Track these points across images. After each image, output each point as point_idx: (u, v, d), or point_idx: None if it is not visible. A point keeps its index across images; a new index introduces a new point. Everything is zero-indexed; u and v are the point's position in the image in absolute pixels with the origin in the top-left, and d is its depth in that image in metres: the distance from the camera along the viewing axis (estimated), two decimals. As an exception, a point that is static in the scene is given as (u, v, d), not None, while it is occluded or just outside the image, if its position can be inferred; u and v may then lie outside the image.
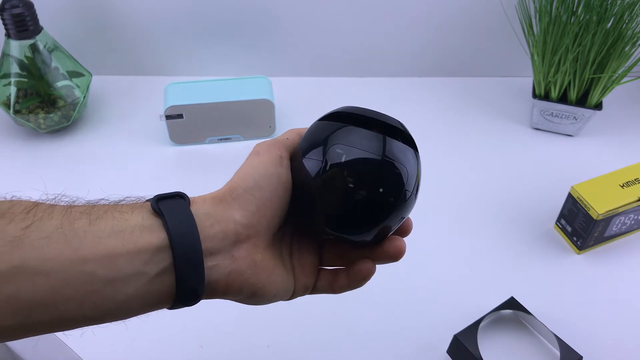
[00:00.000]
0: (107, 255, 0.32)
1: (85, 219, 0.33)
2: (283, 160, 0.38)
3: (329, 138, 0.37)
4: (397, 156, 0.37)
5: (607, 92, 0.81)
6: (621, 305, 0.65)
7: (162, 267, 0.33)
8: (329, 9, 0.88)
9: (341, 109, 0.40)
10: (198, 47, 0.92)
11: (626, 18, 0.75)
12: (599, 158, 0.83)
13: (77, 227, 0.32)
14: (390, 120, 0.39)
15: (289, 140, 0.40)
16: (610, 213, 0.66)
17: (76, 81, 0.83)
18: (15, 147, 0.83)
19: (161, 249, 0.33)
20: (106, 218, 0.33)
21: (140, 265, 0.32)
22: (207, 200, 0.37)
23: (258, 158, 0.38)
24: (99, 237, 0.32)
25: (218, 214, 0.36)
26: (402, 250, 0.39)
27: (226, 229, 0.36)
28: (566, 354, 0.58)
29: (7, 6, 0.74)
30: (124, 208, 0.35)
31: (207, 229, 0.35)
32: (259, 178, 0.37)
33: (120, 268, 0.32)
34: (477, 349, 0.57)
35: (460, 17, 0.90)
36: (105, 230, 0.32)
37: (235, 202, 0.36)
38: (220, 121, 0.81)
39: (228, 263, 0.35)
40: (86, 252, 0.31)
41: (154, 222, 0.34)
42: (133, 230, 0.33)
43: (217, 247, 0.35)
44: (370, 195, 0.36)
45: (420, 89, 0.94)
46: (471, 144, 0.85)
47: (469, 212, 0.75)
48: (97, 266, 0.31)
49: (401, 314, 0.64)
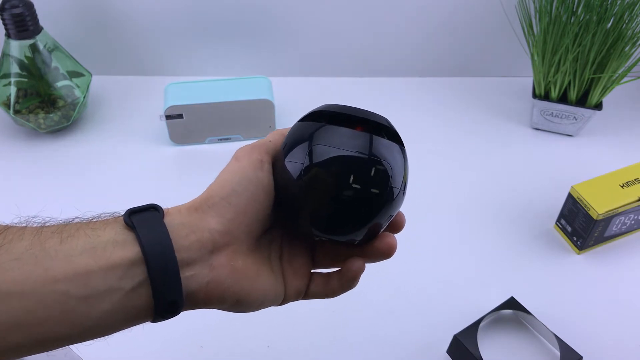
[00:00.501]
0: (79, 273, 0.31)
1: (57, 238, 0.32)
2: (264, 164, 0.38)
3: (310, 138, 0.36)
4: (381, 153, 0.36)
5: (607, 92, 0.81)
6: (621, 305, 0.65)
7: (138, 281, 0.33)
8: (329, 9, 0.88)
9: (322, 108, 0.39)
10: (198, 47, 0.92)
11: (626, 18, 0.75)
12: (599, 158, 0.83)
13: (48, 247, 0.32)
14: (373, 116, 0.38)
15: (271, 143, 0.39)
16: (610, 213, 0.66)
17: (76, 81, 0.83)
18: (15, 147, 0.83)
19: (135, 263, 0.33)
20: (78, 236, 0.33)
21: (115, 281, 0.32)
22: (182, 210, 0.36)
23: (237, 163, 0.38)
24: (70, 256, 0.32)
25: (193, 224, 0.35)
26: (393, 246, 0.39)
27: (202, 238, 0.35)
28: (566, 354, 0.58)
29: (7, 6, 0.74)
30: (96, 225, 0.34)
31: (181, 240, 0.34)
32: (236, 184, 0.36)
33: (93, 285, 0.32)
34: (477, 349, 0.57)
35: (460, 17, 0.90)
36: (77, 248, 0.32)
37: (212, 210, 0.36)
38: (220, 121, 0.81)
39: (206, 272, 0.35)
40: (57, 272, 0.31)
41: (127, 237, 0.33)
42: (105, 246, 0.33)
43: (194, 257, 0.35)
44: (355, 194, 0.35)
45: (420, 89, 0.94)
46: (471, 144, 0.85)
47: (468, 212, 0.75)
48: (69, 285, 0.31)
49: (401, 314, 0.64)
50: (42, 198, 0.75)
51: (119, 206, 0.37)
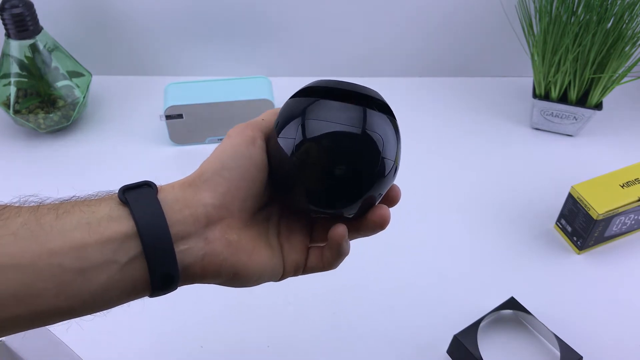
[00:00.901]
0: (74, 246, 0.32)
1: (53, 214, 0.33)
2: (256, 140, 0.38)
3: (301, 114, 0.37)
4: (372, 125, 0.36)
5: (607, 92, 0.81)
6: (621, 305, 0.65)
7: (133, 254, 0.34)
8: (329, 9, 0.88)
9: (314, 84, 0.39)
10: (198, 47, 0.92)
11: (626, 18, 0.75)
12: (599, 158, 0.83)
13: (44, 222, 0.33)
14: (364, 90, 0.38)
15: (264, 122, 0.40)
16: (611, 213, 0.66)
17: (76, 81, 0.83)
18: (15, 147, 0.83)
19: (129, 237, 0.34)
20: (73, 212, 0.34)
21: (110, 254, 0.33)
22: (175, 186, 0.37)
23: (229, 140, 0.38)
24: (65, 230, 0.33)
25: (187, 198, 0.36)
26: (386, 217, 0.39)
27: (196, 212, 0.36)
28: (566, 354, 0.58)
29: (7, 6, 0.74)
30: (92, 202, 0.35)
31: (175, 214, 0.35)
32: (227, 159, 0.37)
33: (89, 258, 0.32)
34: (477, 349, 0.57)
35: (460, 17, 0.90)
36: (72, 223, 0.33)
37: (205, 185, 0.37)
38: (220, 121, 0.81)
39: (201, 246, 0.36)
40: (53, 245, 0.32)
41: (121, 212, 0.34)
42: (100, 221, 0.33)
43: (188, 230, 0.35)
44: (347, 168, 0.36)
45: (420, 89, 0.94)
46: (471, 144, 0.85)
47: (468, 212, 0.75)
48: (65, 258, 0.32)
49: (401, 314, 0.64)
50: (42, 198, 0.75)
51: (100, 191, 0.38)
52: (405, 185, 0.77)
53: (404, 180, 0.77)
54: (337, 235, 0.39)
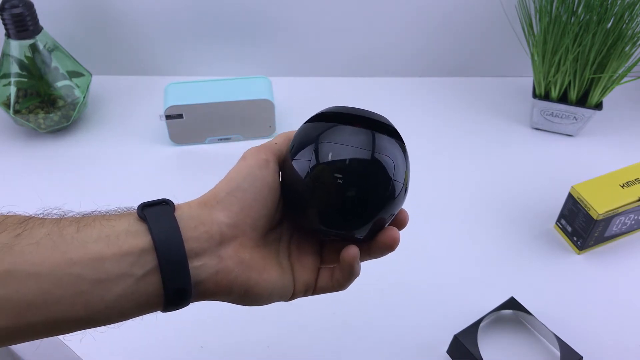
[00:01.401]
0: (93, 258, 0.34)
1: (74, 226, 0.35)
2: (269, 163, 0.40)
3: (315, 138, 0.39)
4: (383, 150, 0.38)
5: (607, 92, 0.81)
6: (621, 305, 0.65)
7: (148, 268, 0.35)
8: (329, 9, 0.88)
9: (327, 110, 0.41)
10: (198, 47, 0.92)
11: (626, 18, 0.75)
12: (599, 158, 0.83)
13: (65, 234, 0.34)
14: (375, 116, 0.40)
15: (277, 145, 0.41)
16: (611, 213, 0.66)
17: (76, 81, 0.83)
18: (15, 147, 0.83)
19: (146, 252, 0.35)
20: (94, 225, 0.35)
21: (127, 267, 0.34)
22: (192, 205, 0.38)
23: (244, 162, 0.40)
24: (85, 242, 0.34)
25: (202, 217, 0.37)
26: (396, 240, 0.40)
27: (210, 229, 0.37)
28: (566, 354, 0.58)
29: (7, 6, 0.74)
30: (112, 217, 0.37)
31: (190, 231, 0.36)
32: (241, 180, 0.39)
33: (106, 270, 0.34)
34: (477, 349, 0.57)
35: (460, 17, 0.90)
36: (92, 236, 0.34)
37: (219, 205, 0.38)
38: (220, 121, 0.81)
39: (215, 263, 0.37)
40: (73, 255, 0.33)
41: (139, 228, 0.36)
42: (119, 235, 0.35)
43: (202, 247, 0.37)
44: (359, 190, 0.37)
45: (420, 89, 0.94)
46: (471, 144, 0.85)
47: (468, 212, 0.75)
48: (84, 268, 0.33)
49: (401, 314, 0.64)
50: (42, 198, 0.75)
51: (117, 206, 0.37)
52: (405, 185, 0.77)
53: (404, 180, 0.77)
54: (349, 256, 0.40)
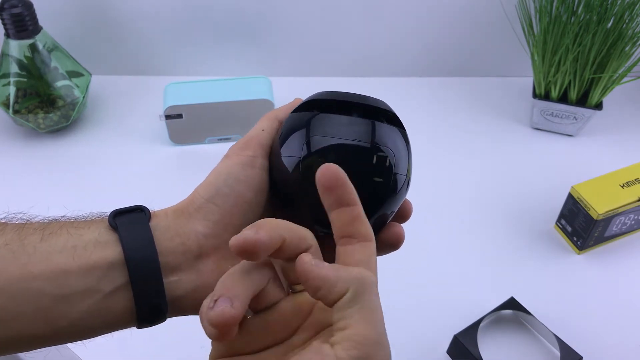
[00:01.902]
0: (56, 271, 0.31)
1: (38, 235, 0.32)
2: (255, 160, 0.36)
3: (305, 129, 0.34)
4: (382, 139, 0.34)
5: (607, 92, 0.80)
6: (621, 305, 0.65)
7: (118, 283, 0.32)
8: (329, 9, 0.88)
9: (316, 96, 0.37)
10: (198, 47, 0.92)
11: (626, 18, 0.75)
12: (599, 158, 0.83)
13: (27, 243, 0.31)
14: (370, 101, 0.36)
15: (264, 132, 0.37)
16: (611, 213, 0.66)
17: (76, 81, 0.83)
18: (14, 147, 0.83)
19: (115, 265, 0.32)
20: (60, 234, 0.32)
21: (93, 282, 0.31)
22: (168, 213, 0.35)
23: (225, 162, 0.36)
24: (49, 253, 0.31)
25: (178, 227, 0.34)
26: (400, 237, 0.37)
27: (187, 241, 0.34)
28: (566, 354, 0.58)
29: (7, 6, 0.74)
30: (80, 224, 0.33)
31: (165, 242, 0.33)
32: (221, 185, 0.35)
33: (70, 284, 0.31)
34: (477, 349, 0.57)
35: (461, 17, 0.89)
36: (57, 245, 0.31)
37: (197, 213, 0.34)
38: (220, 121, 0.81)
39: (193, 278, 0.34)
40: (34, 268, 0.30)
41: (110, 237, 0.32)
42: (86, 246, 0.32)
43: (179, 261, 0.33)
44: (358, 186, 0.32)
45: (420, 89, 0.94)
46: (471, 144, 0.85)
47: (468, 212, 0.75)
48: (45, 283, 0.30)
49: (401, 314, 0.64)
50: (42, 198, 0.75)
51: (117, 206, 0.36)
52: (405, 185, 0.77)
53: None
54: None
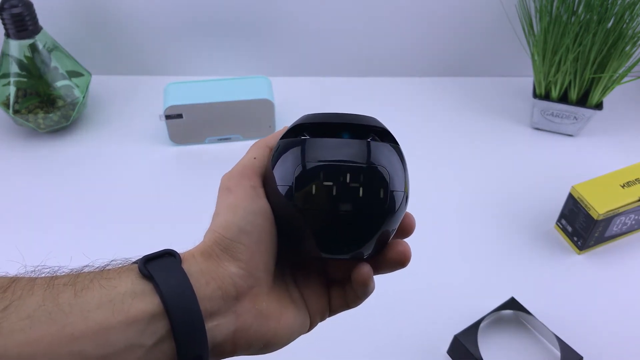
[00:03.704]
0: (96, 330, 0.29)
1: (70, 291, 0.30)
2: (257, 189, 0.35)
3: (298, 158, 0.34)
4: (374, 157, 0.34)
5: (607, 92, 0.80)
6: (622, 305, 0.65)
7: (160, 335, 0.31)
8: (329, 9, 0.88)
9: (302, 120, 0.36)
10: (198, 47, 0.92)
11: (627, 18, 0.75)
12: (600, 158, 0.83)
13: (62, 302, 0.29)
14: (360, 119, 0.35)
15: (257, 161, 0.36)
16: (611, 213, 0.66)
17: (75, 81, 0.83)
18: (14, 147, 0.83)
19: (156, 316, 0.30)
20: (93, 287, 0.30)
21: (135, 337, 0.30)
22: (196, 256, 0.34)
23: (232, 197, 0.35)
24: (87, 311, 0.29)
25: (212, 270, 0.33)
26: (407, 255, 0.36)
27: (223, 285, 0.33)
28: (566, 354, 0.58)
29: (7, 6, 0.74)
30: (110, 274, 0.32)
31: (203, 288, 0.32)
32: (242, 223, 0.34)
33: (112, 343, 0.29)
34: (477, 349, 0.57)
35: (461, 17, 0.89)
36: (93, 301, 0.30)
37: (226, 254, 0.34)
38: (220, 121, 0.81)
39: (232, 321, 0.33)
40: (74, 329, 0.29)
41: (145, 287, 0.31)
42: (123, 299, 0.30)
43: (217, 306, 0.32)
44: (356, 207, 0.33)
45: (420, 89, 0.94)
46: (471, 144, 0.85)
47: (468, 212, 0.75)
48: (87, 343, 0.29)
49: (401, 315, 0.63)
50: (42, 198, 0.75)
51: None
52: (405, 185, 0.77)
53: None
54: (362, 277, 0.36)
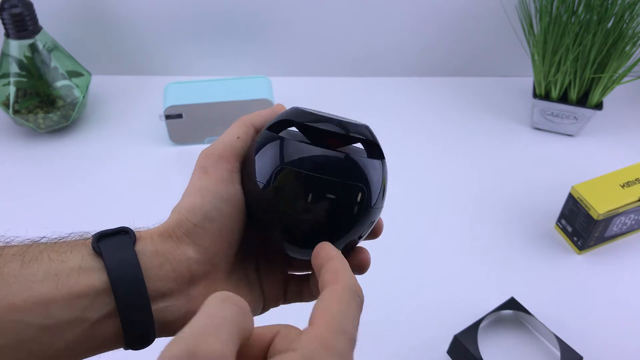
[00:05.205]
0: (39, 302, 0.29)
1: (18, 261, 0.30)
2: (233, 175, 0.35)
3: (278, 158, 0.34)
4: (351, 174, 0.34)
5: (607, 91, 0.80)
6: (621, 305, 0.65)
7: (105, 312, 0.31)
8: (329, 9, 0.88)
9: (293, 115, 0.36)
10: (198, 47, 0.92)
11: (626, 18, 0.75)
12: (600, 158, 0.83)
13: (7, 272, 0.30)
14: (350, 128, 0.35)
15: (239, 141, 0.36)
16: (611, 213, 0.66)
17: (75, 81, 0.83)
18: (14, 147, 0.83)
19: (102, 293, 0.31)
20: (41, 259, 0.31)
21: (79, 311, 0.30)
22: (154, 236, 0.33)
23: (206, 178, 0.35)
24: (31, 282, 0.30)
25: (168, 252, 0.33)
26: (366, 263, 0.37)
27: (178, 267, 0.33)
28: (566, 354, 0.58)
29: (7, 6, 0.74)
30: (62, 247, 0.32)
31: (155, 269, 0.32)
32: (209, 208, 0.34)
33: (54, 315, 0.30)
34: (477, 349, 0.57)
35: (461, 17, 0.89)
36: (39, 273, 0.30)
37: (186, 237, 0.33)
38: (220, 121, 0.81)
39: (183, 303, 0.33)
40: (15, 299, 0.29)
41: (94, 264, 0.31)
42: (70, 273, 0.30)
43: (170, 287, 0.33)
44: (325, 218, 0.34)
45: (420, 89, 0.94)
46: (471, 144, 0.85)
47: (468, 212, 0.75)
48: (29, 314, 0.29)
49: (401, 315, 0.63)
50: (41, 198, 0.75)
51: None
52: (405, 186, 0.77)
53: (403, 181, 0.77)
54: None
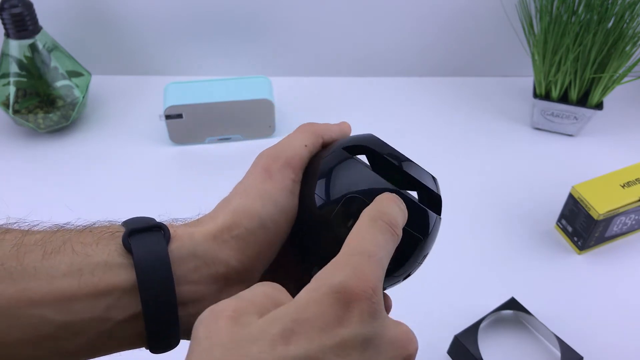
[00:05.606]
0: (60, 297, 0.28)
1: (39, 251, 0.28)
2: (296, 185, 0.33)
3: (351, 184, 0.32)
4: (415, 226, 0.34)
5: (607, 91, 0.80)
6: (622, 305, 0.65)
7: (130, 313, 0.29)
8: (329, 9, 0.88)
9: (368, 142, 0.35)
10: (198, 47, 0.92)
11: (627, 18, 0.75)
12: (600, 158, 0.83)
13: (27, 263, 0.28)
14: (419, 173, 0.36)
15: (307, 150, 0.34)
16: (611, 213, 0.66)
17: (75, 81, 0.83)
18: (14, 147, 0.83)
19: (127, 293, 0.29)
20: (64, 251, 0.29)
21: (102, 311, 0.28)
22: (195, 235, 0.31)
23: (270, 183, 0.32)
24: (51, 277, 0.28)
25: (207, 255, 0.31)
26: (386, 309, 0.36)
27: (215, 273, 0.31)
28: (566, 354, 0.58)
29: (7, 6, 0.74)
30: (87, 238, 0.30)
31: (189, 273, 0.30)
32: (266, 217, 0.31)
33: (76, 311, 0.28)
34: (477, 349, 0.57)
35: (461, 17, 0.89)
36: (60, 267, 0.28)
37: (233, 241, 0.31)
38: (220, 121, 0.81)
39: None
40: (34, 293, 0.27)
41: (122, 260, 0.29)
42: (94, 270, 0.28)
43: (202, 293, 0.31)
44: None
45: (421, 89, 0.94)
46: (471, 144, 0.85)
47: (469, 212, 0.75)
48: (49, 309, 0.27)
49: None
50: (42, 198, 0.75)
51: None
52: (405, 185, 0.77)
53: (404, 180, 0.77)
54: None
